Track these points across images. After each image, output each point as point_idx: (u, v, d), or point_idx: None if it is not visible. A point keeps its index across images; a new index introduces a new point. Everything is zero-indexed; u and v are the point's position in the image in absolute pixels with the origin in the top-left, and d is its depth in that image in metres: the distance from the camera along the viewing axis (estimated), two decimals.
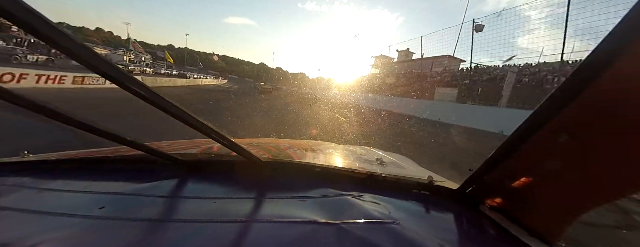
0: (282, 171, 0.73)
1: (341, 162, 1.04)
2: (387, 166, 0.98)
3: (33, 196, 0.55)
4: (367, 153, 1.29)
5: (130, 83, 0.35)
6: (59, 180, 0.63)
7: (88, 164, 0.77)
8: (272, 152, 1.02)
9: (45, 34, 0.26)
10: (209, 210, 0.51)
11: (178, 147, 1.01)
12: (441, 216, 0.58)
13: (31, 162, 0.74)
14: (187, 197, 0.56)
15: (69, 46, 0.28)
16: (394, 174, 0.74)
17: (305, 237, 0.43)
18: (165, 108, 0.40)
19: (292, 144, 1.29)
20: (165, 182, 0.62)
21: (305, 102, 17.71)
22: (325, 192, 0.61)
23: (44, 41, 0.27)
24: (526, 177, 0.51)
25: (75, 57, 0.29)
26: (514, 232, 0.51)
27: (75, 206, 0.51)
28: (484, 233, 0.54)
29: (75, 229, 0.44)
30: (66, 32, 0.28)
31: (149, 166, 0.72)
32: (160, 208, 0.51)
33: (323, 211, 0.52)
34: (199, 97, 13.12)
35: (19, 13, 0.24)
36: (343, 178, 0.71)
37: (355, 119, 9.98)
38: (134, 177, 0.65)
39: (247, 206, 0.53)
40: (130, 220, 0.46)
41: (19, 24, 0.25)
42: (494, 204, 0.59)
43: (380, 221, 0.49)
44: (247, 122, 6.39)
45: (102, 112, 5.69)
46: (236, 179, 0.67)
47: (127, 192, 0.57)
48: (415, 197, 0.65)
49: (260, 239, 0.42)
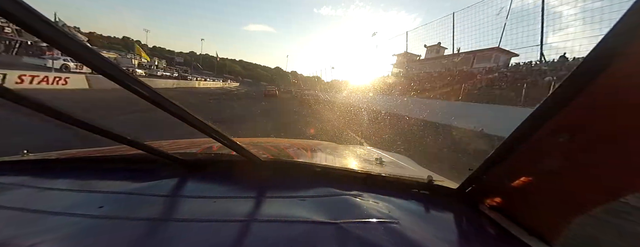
0: (282, 171, 0.72)
1: (341, 162, 1.02)
2: (387, 166, 0.97)
3: (32, 195, 0.55)
4: (367, 153, 1.29)
5: (131, 82, 0.35)
6: (59, 179, 0.63)
7: (88, 163, 0.76)
8: (272, 152, 1.02)
9: (45, 34, 0.26)
10: (209, 209, 0.50)
11: (178, 147, 1.01)
12: (441, 216, 0.57)
13: (31, 161, 0.74)
14: (187, 197, 0.56)
15: (69, 46, 0.28)
16: (394, 174, 0.74)
17: (305, 236, 0.43)
18: (166, 107, 0.40)
19: (292, 144, 1.29)
20: (165, 182, 0.61)
21: (309, 107, 14.81)
22: (325, 192, 0.61)
23: (45, 41, 0.27)
24: (526, 176, 0.50)
25: (75, 56, 0.29)
26: (514, 232, 0.51)
27: (75, 205, 0.51)
28: (483, 233, 0.53)
29: (74, 228, 0.43)
30: (66, 31, 0.28)
31: (148, 165, 0.71)
32: (160, 207, 0.51)
33: (323, 211, 0.51)
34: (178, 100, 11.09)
35: (19, 13, 0.25)
36: (343, 178, 0.70)
37: (373, 134, 7.04)
38: (134, 176, 0.65)
39: (247, 206, 0.53)
40: (130, 219, 0.46)
41: (19, 23, 0.25)
42: (493, 204, 0.58)
43: (380, 221, 0.49)
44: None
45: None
46: (236, 179, 0.66)
47: (127, 192, 0.56)
48: (415, 196, 0.65)
49: (260, 239, 0.42)
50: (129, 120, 5.68)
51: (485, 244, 0.50)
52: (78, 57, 0.29)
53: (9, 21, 0.24)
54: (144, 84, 0.36)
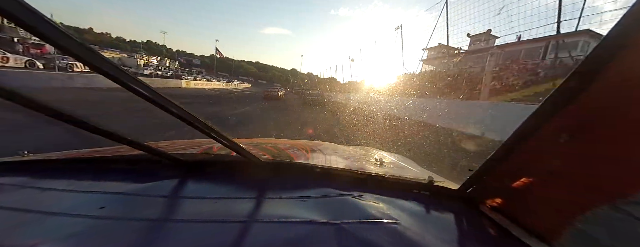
0: (282, 171, 0.72)
1: (341, 163, 1.02)
2: (387, 166, 0.98)
3: (32, 195, 0.55)
4: (367, 153, 1.29)
5: (131, 82, 0.35)
6: (59, 179, 0.63)
7: (88, 163, 0.76)
8: (273, 153, 1.02)
9: (45, 34, 0.26)
10: (209, 210, 0.50)
11: (178, 147, 1.02)
12: (441, 216, 0.57)
13: (30, 161, 0.74)
14: (187, 197, 0.56)
15: (69, 46, 0.28)
16: (394, 174, 0.74)
17: (306, 237, 0.43)
18: (166, 107, 0.40)
19: (292, 144, 1.29)
20: (165, 182, 0.62)
21: (310, 113, 11.17)
22: (326, 192, 0.61)
23: (45, 41, 0.27)
24: (526, 177, 0.50)
25: (74, 55, 0.29)
26: (514, 232, 0.51)
27: (76, 205, 0.51)
28: (484, 233, 0.53)
29: (75, 228, 0.43)
30: (66, 31, 0.28)
31: (149, 165, 0.71)
32: (161, 208, 0.51)
33: (323, 211, 0.51)
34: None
35: (19, 13, 0.25)
36: (343, 178, 0.70)
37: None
38: (135, 177, 0.65)
39: (248, 206, 0.53)
40: (131, 220, 0.46)
41: (19, 23, 0.25)
42: (494, 204, 0.58)
43: (381, 221, 0.49)
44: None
45: None
46: (236, 179, 0.67)
47: (128, 192, 0.56)
48: (416, 197, 0.65)
49: (260, 239, 0.42)
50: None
51: (485, 244, 0.50)
52: (78, 57, 0.29)
53: (9, 21, 0.24)
54: (144, 84, 0.36)
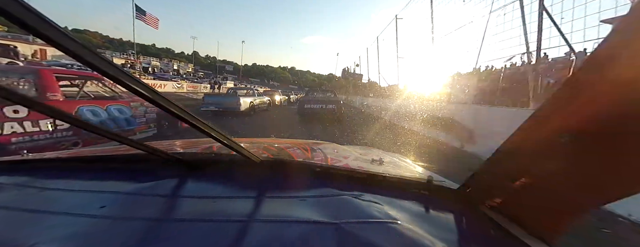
0: (282, 170, 0.72)
1: (341, 162, 1.02)
2: (387, 166, 0.97)
3: (32, 195, 0.55)
4: (367, 153, 1.28)
5: (131, 82, 0.35)
6: (59, 179, 0.63)
7: (88, 163, 0.76)
8: (272, 152, 1.02)
9: (45, 34, 0.26)
10: (209, 209, 0.51)
11: (178, 147, 1.02)
12: (441, 216, 0.57)
13: (31, 161, 0.74)
14: (187, 197, 0.56)
15: (69, 46, 0.28)
16: (394, 174, 0.73)
17: (305, 236, 0.43)
18: (166, 107, 0.40)
19: (293, 144, 1.30)
20: (165, 182, 0.61)
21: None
22: (325, 192, 0.61)
23: (45, 41, 0.27)
24: (526, 177, 0.50)
25: (75, 56, 0.29)
26: (514, 232, 0.51)
27: (76, 205, 0.51)
28: (484, 233, 0.53)
29: (75, 228, 0.43)
30: (66, 31, 0.28)
31: (149, 165, 0.71)
32: (161, 207, 0.51)
33: (323, 211, 0.51)
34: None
35: (19, 13, 0.24)
36: (343, 178, 0.70)
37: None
38: (134, 176, 0.65)
39: (247, 205, 0.53)
40: (131, 219, 0.46)
41: (19, 23, 0.25)
42: (494, 204, 0.58)
43: (380, 221, 0.49)
44: None
45: None
46: (236, 179, 0.66)
47: (128, 192, 0.56)
48: (415, 197, 0.64)
49: (260, 239, 0.42)
50: None
51: (485, 244, 0.50)
52: (78, 57, 0.29)
53: (9, 21, 0.24)
54: (144, 84, 0.36)
